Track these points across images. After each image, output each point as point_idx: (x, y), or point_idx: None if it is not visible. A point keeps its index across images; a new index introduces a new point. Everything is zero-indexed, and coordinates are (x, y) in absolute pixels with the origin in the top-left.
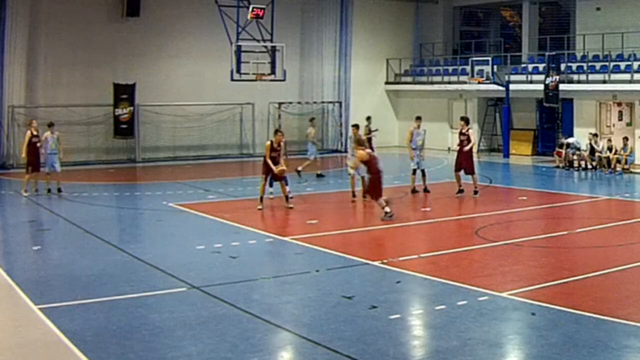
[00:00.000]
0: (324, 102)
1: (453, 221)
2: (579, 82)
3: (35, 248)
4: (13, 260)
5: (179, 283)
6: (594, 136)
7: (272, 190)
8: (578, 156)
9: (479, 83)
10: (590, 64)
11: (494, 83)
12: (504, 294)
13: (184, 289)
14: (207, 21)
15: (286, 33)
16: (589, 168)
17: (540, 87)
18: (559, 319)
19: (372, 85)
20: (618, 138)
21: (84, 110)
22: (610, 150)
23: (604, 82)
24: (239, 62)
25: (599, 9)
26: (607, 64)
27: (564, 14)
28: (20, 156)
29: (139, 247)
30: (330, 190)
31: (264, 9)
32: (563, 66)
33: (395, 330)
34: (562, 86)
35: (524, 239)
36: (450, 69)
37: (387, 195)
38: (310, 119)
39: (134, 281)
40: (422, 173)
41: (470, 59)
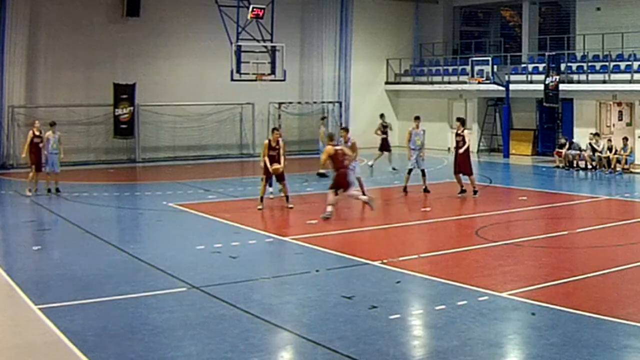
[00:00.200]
0: (324, 102)
1: (453, 221)
2: (579, 82)
3: (35, 248)
4: (13, 260)
5: (179, 283)
6: (595, 135)
7: (272, 190)
8: (578, 156)
9: (479, 83)
10: (590, 64)
11: (494, 83)
12: (504, 294)
13: (184, 289)
14: (207, 21)
15: (286, 33)
16: (589, 168)
17: (540, 87)
18: (559, 319)
19: (372, 85)
20: (618, 138)
21: (84, 110)
22: (610, 150)
23: (604, 82)
24: (239, 62)
25: (599, 9)
26: (607, 64)
27: (564, 14)
28: (21, 156)
29: (139, 247)
30: None
31: (264, 9)
32: (563, 66)
33: (395, 330)
34: (562, 86)
35: (524, 239)
36: (450, 69)
37: (340, 196)
38: (322, 118)
39: (134, 281)
40: (422, 173)
41: (470, 59)
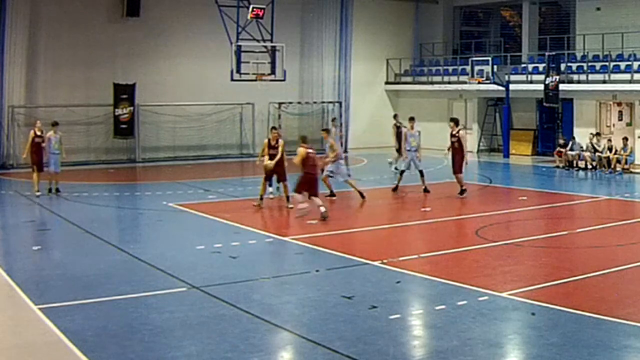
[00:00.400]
0: (324, 102)
1: (453, 221)
2: (579, 82)
3: (35, 248)
4: (13, 260)
5: (179, 283)
6: (595, 135)
7: (272, 190)
8: (578, 156)
9: (479, 83)
10: (590, 64)
11: (494, 83)
12: (504, 294)
13: (184, 289)
14: (207, 21)
15: (286, 33)
16: (589, 168)
17: (540, 87)
18: (559, 319)
19: (372, 85)
20: (618, 138)
21: (84, 110)
22: (610, 150)
23: (604, 82)
24: (239, 62)
25: (599, 9)
26: (607, 64)
27: (564, 14)
28: (21, 156)
29: (139, 247)
30: None
31: (264, 9)
32: (563, 66)
33: (395, 330)
34: (562, 86)
35: (524, 239)
36: (450, 69)
37: (307, 204)
38: (332, 119)
39: (134, 281)
40: (421, 174)
41: (470, 59)
